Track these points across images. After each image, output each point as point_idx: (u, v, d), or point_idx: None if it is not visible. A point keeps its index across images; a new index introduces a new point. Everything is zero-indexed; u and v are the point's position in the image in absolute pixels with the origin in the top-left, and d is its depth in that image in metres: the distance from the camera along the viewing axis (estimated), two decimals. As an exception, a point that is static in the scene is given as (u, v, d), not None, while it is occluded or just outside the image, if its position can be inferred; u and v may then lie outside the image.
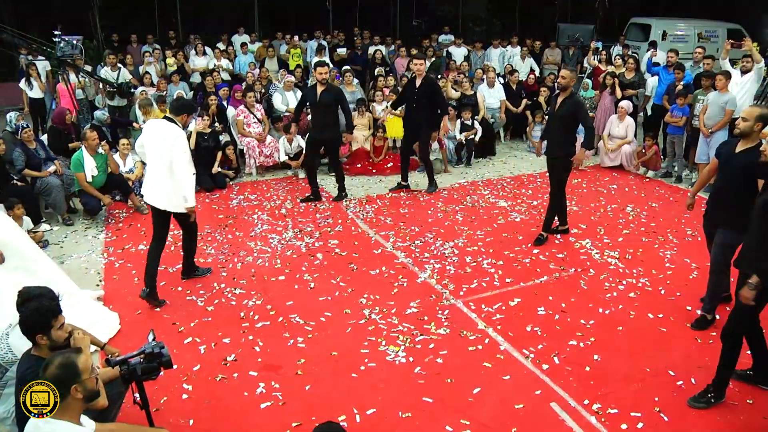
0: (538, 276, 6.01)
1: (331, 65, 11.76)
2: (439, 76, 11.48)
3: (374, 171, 9.62)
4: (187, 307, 5.46)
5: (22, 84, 11.11)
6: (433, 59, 13.17)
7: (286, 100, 10.47)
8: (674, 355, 4.65)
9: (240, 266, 6.27)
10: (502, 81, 11.80)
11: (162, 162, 5.24)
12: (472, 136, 10.05)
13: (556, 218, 7.00)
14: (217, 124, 9.28)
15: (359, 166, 9.63)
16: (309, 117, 10.17)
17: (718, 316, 5.04)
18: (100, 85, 10.45)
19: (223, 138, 9.25)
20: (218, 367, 4.58)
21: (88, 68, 10.55)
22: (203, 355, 4.73)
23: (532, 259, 6.38)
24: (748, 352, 4.52)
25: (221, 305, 5.49)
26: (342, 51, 13.76)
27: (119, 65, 11.31)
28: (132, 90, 10.41)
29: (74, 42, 9.18)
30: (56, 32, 9.00)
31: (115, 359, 3.38)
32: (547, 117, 10.81)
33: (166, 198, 5.31)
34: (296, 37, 14.04)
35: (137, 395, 3.43)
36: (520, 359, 4.64)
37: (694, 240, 6.84)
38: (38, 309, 3.28)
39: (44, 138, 8.67)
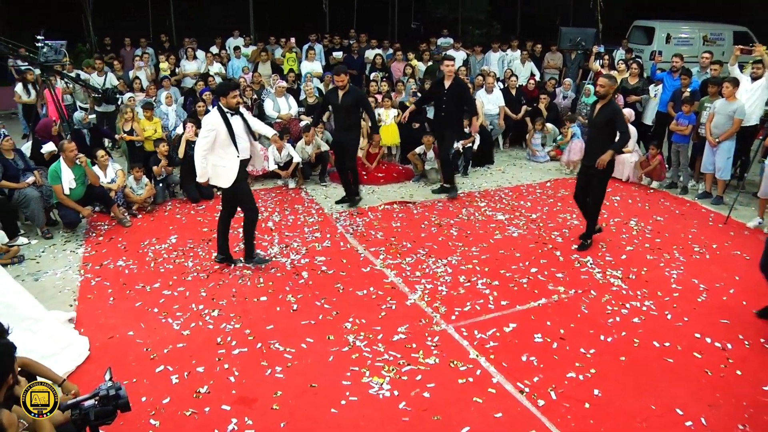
0: (536, 298, 5.64)
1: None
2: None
3: (366, 177, 9.28)
4: (162, 331, 5.14)
5: (19, 89, 10.78)
6: (430, 63, 12.82)
7: (278, 106, 10.14)
8: (682, 391, 4.28)
9: (220, 285, 5.94)
10: (502, 86, 11.45)
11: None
12: (470, 145, 9.71)
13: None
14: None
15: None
16: (301, 124, 9.92)
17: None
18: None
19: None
20: (189, 399, 4.25)
21: (73, 74, 10.24)
22: (174, 386, 4.41)
23: (530, 279, 6.02)
24: None
25: (197, 329, 5.16)
26: (338, 55, 13.40)
27: (105, 70, 11.01)
28: (117, 95, 10.08)
29: (58, 47, 8.87)
30: (39, 37, 8.69)
31: (66, 403, 3.06)
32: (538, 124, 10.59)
33: (213, 175, 6.01)
34: (292, 40, 13.70)
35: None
36: (514, 394, 4.29)
37: (702, 258, 6.49)
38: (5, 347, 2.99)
39: (27, 146, 8.40)
